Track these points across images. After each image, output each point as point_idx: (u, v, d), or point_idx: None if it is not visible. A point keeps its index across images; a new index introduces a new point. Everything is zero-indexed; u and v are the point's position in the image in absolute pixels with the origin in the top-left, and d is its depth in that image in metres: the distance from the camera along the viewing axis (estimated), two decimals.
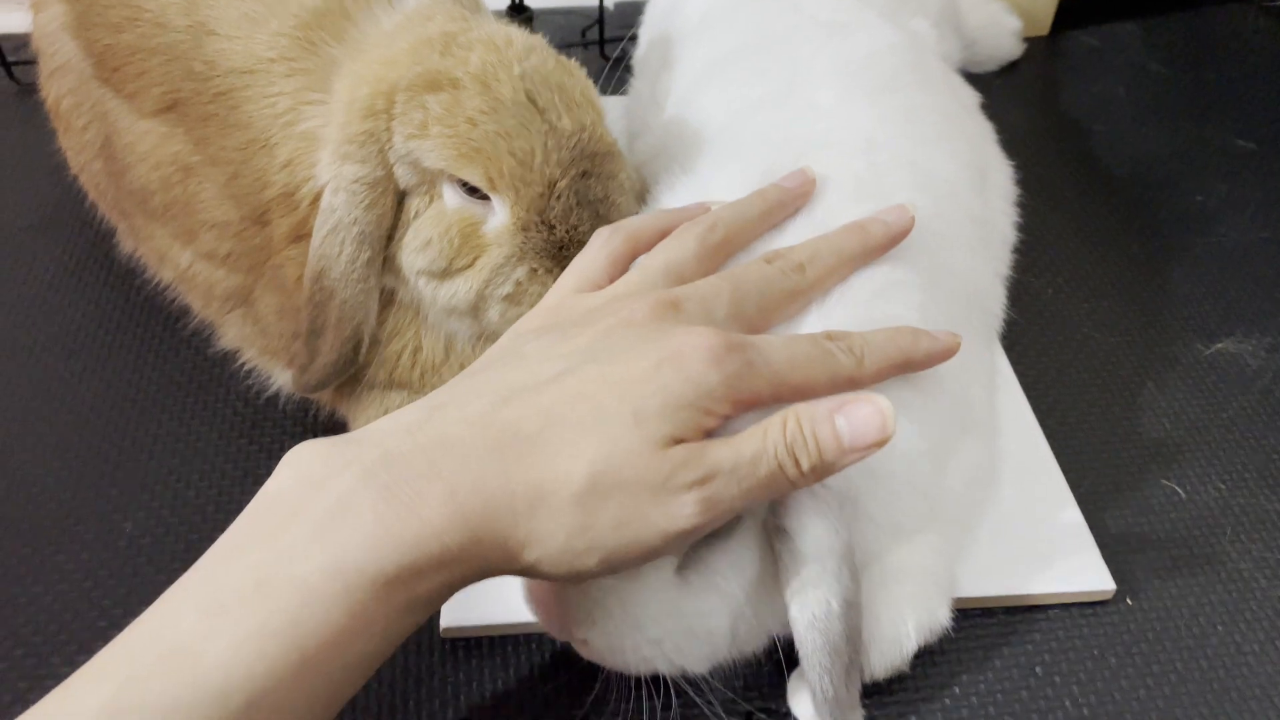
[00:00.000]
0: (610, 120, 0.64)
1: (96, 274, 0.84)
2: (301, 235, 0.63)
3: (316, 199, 0.61)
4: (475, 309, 0.62)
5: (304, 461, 0.45)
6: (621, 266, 0.55)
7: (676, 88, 0.77)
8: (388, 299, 0.64)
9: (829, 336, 0.50)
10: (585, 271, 0.55)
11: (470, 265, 0.60)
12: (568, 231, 0.59)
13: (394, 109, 0.58)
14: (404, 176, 0.60)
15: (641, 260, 0.55)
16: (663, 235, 0.56)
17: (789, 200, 0.58)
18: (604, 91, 1.02)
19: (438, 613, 0.60)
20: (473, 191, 0.59)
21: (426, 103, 0.57)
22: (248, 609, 0.40)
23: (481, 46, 0.59)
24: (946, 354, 0.55)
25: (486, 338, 0.64)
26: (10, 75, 1.04)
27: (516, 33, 0.62)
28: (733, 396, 0.46)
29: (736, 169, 0.63)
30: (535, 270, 0.60)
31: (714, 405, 0.45)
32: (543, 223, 0.59)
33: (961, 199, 0.67)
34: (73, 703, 0.40)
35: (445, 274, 0.61)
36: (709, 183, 0.63)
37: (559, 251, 0.60)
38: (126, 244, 0.79)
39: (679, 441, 0.45)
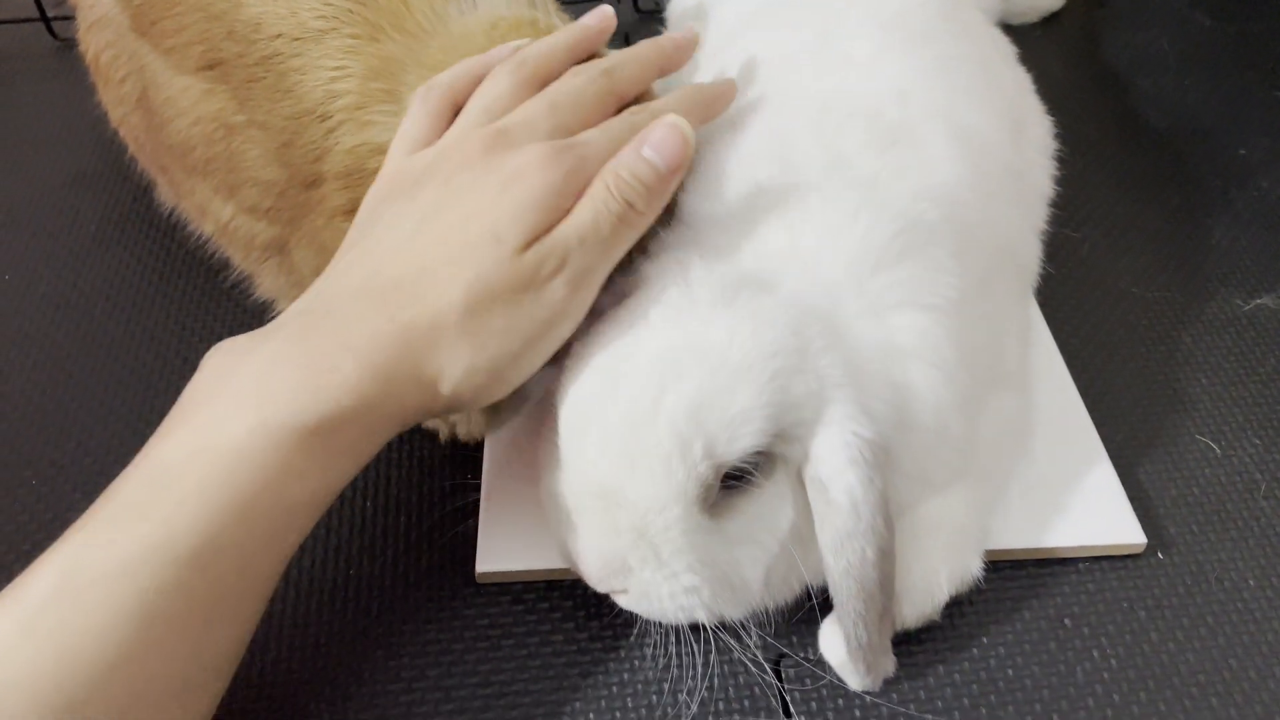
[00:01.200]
0: None
1: (138, 227, 0.85)
2: (355, 211, 0.63)
3: None
4: None
5: (219, 354, 0.51)
6: (445, 120, 0.58)
7: (710, 41, 0.76)
8: None
9: (633, 112, 0.57)
10: (411, 134, 0.57)
11: None
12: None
13: None
14: None
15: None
16: (477, 82, 0.58)
17: (593, 36, 0.61)
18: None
19: (473, 559, 0.61)
20: None
21: None
22: (185, 474, 0.46)
23: None
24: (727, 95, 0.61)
25: None
26: (50, 30, 1.04)
27: None
28: (573, 189, 0.52)
29: (770, 121, 0.62)
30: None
31: (560, 201, 0.51)
32: None
33: (996, 151, 0.66)
34: (31, 575, 0.44)
35: None
36: (738, 133, 0.63)
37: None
38: (167, 198, 0.80)
39: (534, 241, 0.50)
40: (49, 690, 0.41)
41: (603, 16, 0.62)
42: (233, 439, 0.46)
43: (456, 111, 0.58)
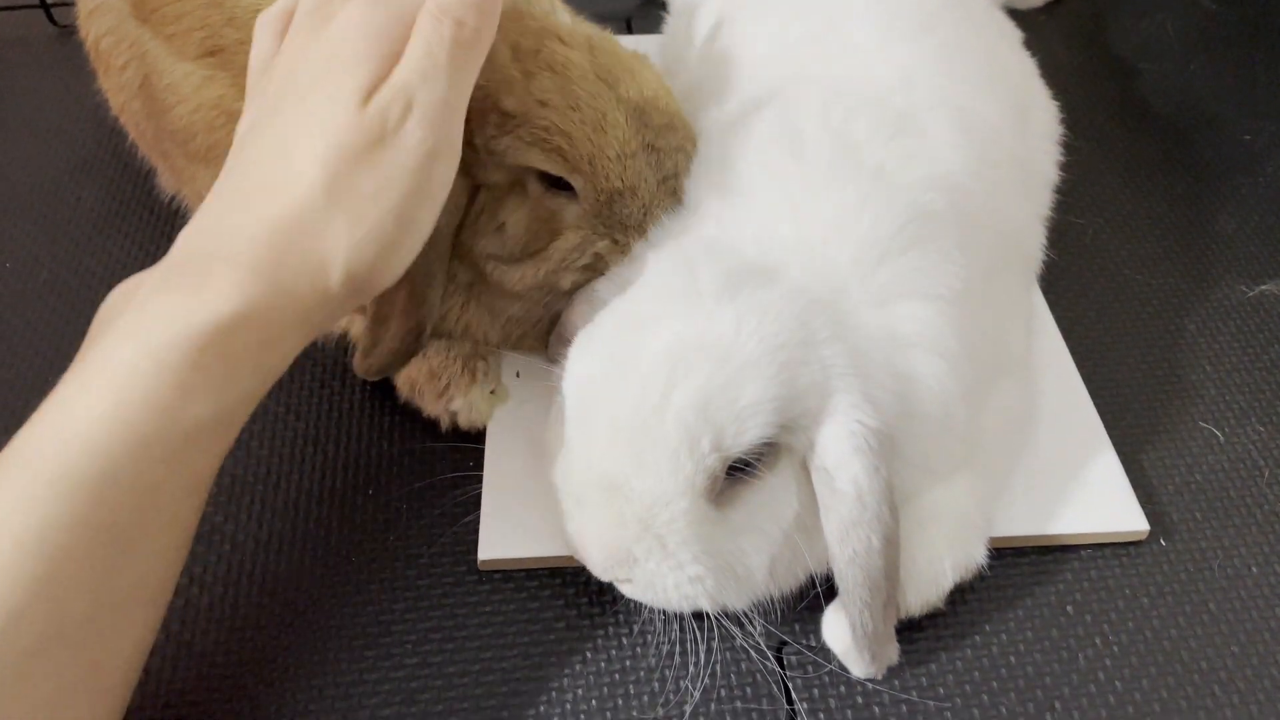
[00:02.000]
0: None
1: (139, 214, 0.85)
2: None
3: None
4: (544, 284, 0.62)
5: (111, 295, 0.52)
6: (285, 22, 0.56)
7: (712, 25, 0.76)
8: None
9: None
10: (258, 57, 0.56)
11: (543, 250, 0.61)
12: (642, 208, 0.59)
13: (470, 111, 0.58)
14: (485, 174, 0.60)
15: None
16: None
17: None
18: (639, 31, 1.01)
19: (475, 547, 0.61)
20: (554, 183, 0.59)
21: (502, 102, 0.57)
22: (75, 407, 0.45)
23: (552, 39, 0.59)
24: None
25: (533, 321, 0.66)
26: (49, 17, 1.04)
27: (586, 25, 0.62)
28: (397, 28, 0.49)
29: (775, 108, 0.62)
30: (616, 241, 0.60)
31: (389, 46, 0.49)
32: (619, 190, 0.59)
33: (1001, 138, 0.66)
34: None
35: (516, 259, 0.61)
36: (744, 120, 0.63)
37: (639, 222, 0.60)
38: (168, 184, 0.80)
39: (374, 93, 0.49)
40: None
41: None
42: (119, 366, 0.45)
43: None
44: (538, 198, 0.60)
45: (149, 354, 0.45)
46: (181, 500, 0.48)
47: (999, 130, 0.66)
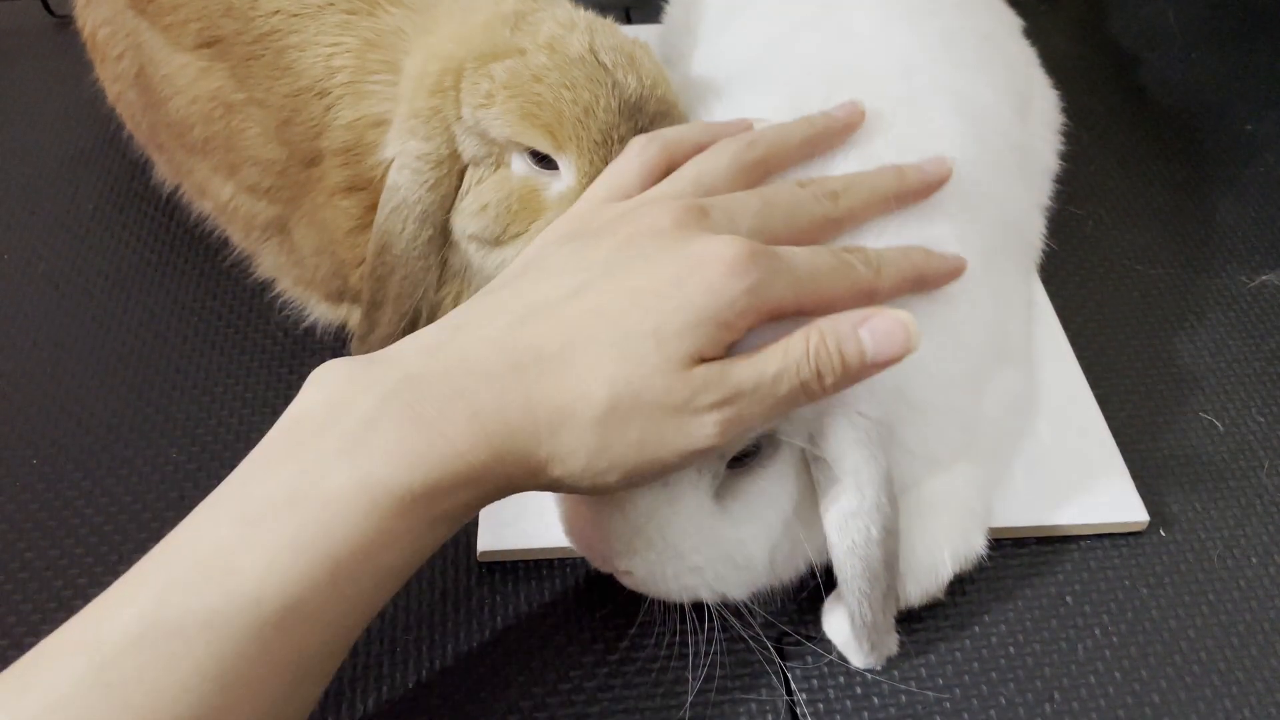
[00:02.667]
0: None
1: (137, 205, 0.85)
2: (354, 188, 0.63)
3: (383, 171, 0.62)
4: None
5: (330, 381, 0.46)
6: (656, 176, 0.54)
7: (711, 13, 0.75)
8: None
9: (847, 250, 0.50)
10: (618, 179, 0.54)
11: (525, 232, 0.60)
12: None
13: (461, 83, 0.58)
14: (471, 149, 0.60)
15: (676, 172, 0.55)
16: (700, 149, 0.55)
17: (836, 129, 0.57)
18: (638, 20, 1.01)
19: (474, 536, 0.61)
20: (541, 160, 0.59)
21: (492, 71, 0.57)
22: (280, 521, 0.42)
23: (551, 21, 0.59)
24: (955, 273, 0.55)
25: None
26: (46, 7, 1.04)
27: (587, 13, 0.61)
28: (756, 306, 0.45)
29: (772, 96, 0.62)
30: None
31: (736, 319, 0.45)
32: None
33: (1002, 126, 0.66)
34: (112, 610, 0.41)
35: (498, 240, 0.61)
36: (743, 110, 0.62)
37: None
38: (164, 177, 0.80)
39: (701, 359, 0.45)
40: None
41: (852, 111, 0.57)
42: (333, 492, 0.42)
43: (669, 172, 0.54)
44: (522, 177, 0.60)
45: (367, 492, 0.42)
46: (352, 639, 0.46)
47: (999, 118, 0.65)
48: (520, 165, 0.60)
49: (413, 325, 0.62)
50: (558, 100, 0.56)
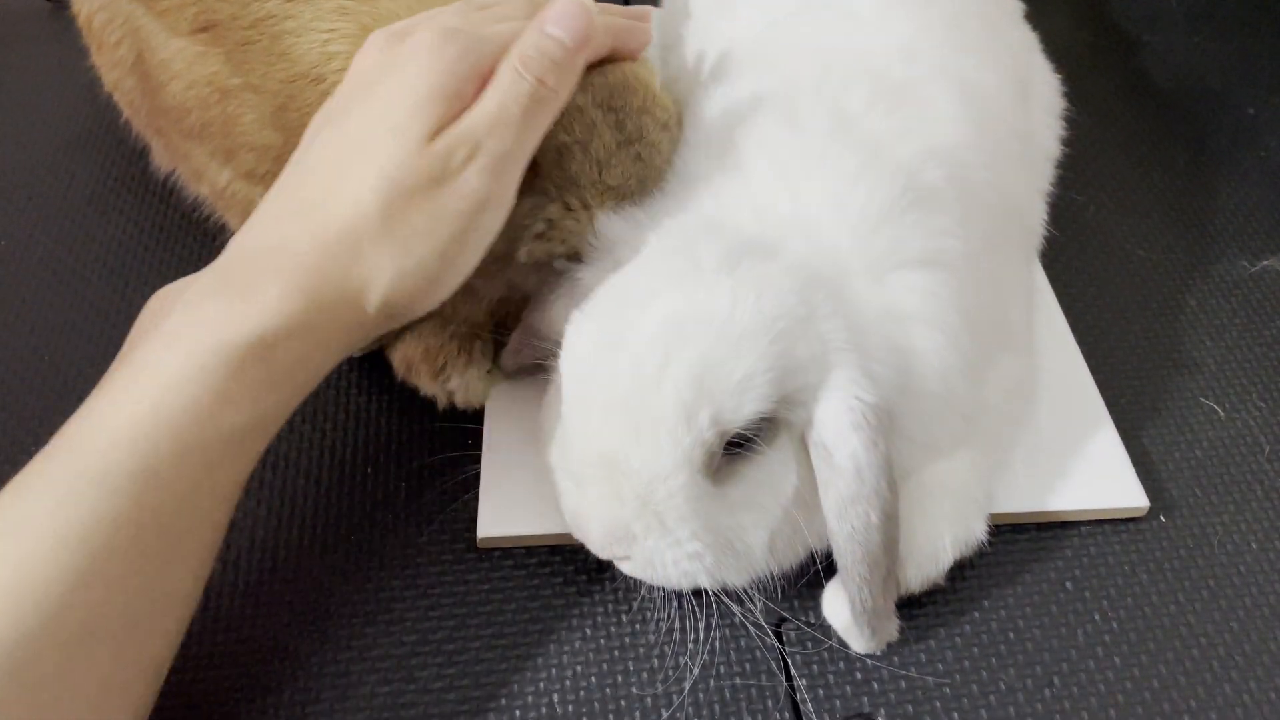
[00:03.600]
0: None
1: (134, 191, 0.84)
2: None
3: None
4: (497, 255, 0.58)
5: (155, 298, 0.53)
6: None
7: None
8: None
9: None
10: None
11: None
12: (595, 165, 0.57)
13: None
14: None
15: None
16: None
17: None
18: (638, 1, 1.00)
19: (474, 525, 0.61)
20: None
21: None
22: (121, 408, 0.46)
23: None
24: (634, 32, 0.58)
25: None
26: None
27: None
28: (471, 68, 0.50)
29: (769, 79, 0.61)
30: (569, 206, 0.58)
31: (459, 85, 0.50)
32: (566, 144, 0.56)
33: (1003, 111, 0.65)
34: (21, 479, 0.46)
35: None
36: (742, 93, 0.62)
37: (595, 185, 0.57)
38: (162, 162, 0.79)
39: (439, 132, 0.49)
40: (2, 625, 0.41)
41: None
42: (162, 370, 0.46)
43: None
44: None
45: (194, 359, 0.46)
46: (216, 504, 0.49)
47: (1000, 103, 0.65)
48: None
49: None
50: None
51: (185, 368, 0.46)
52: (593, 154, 0.57)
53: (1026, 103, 0.71)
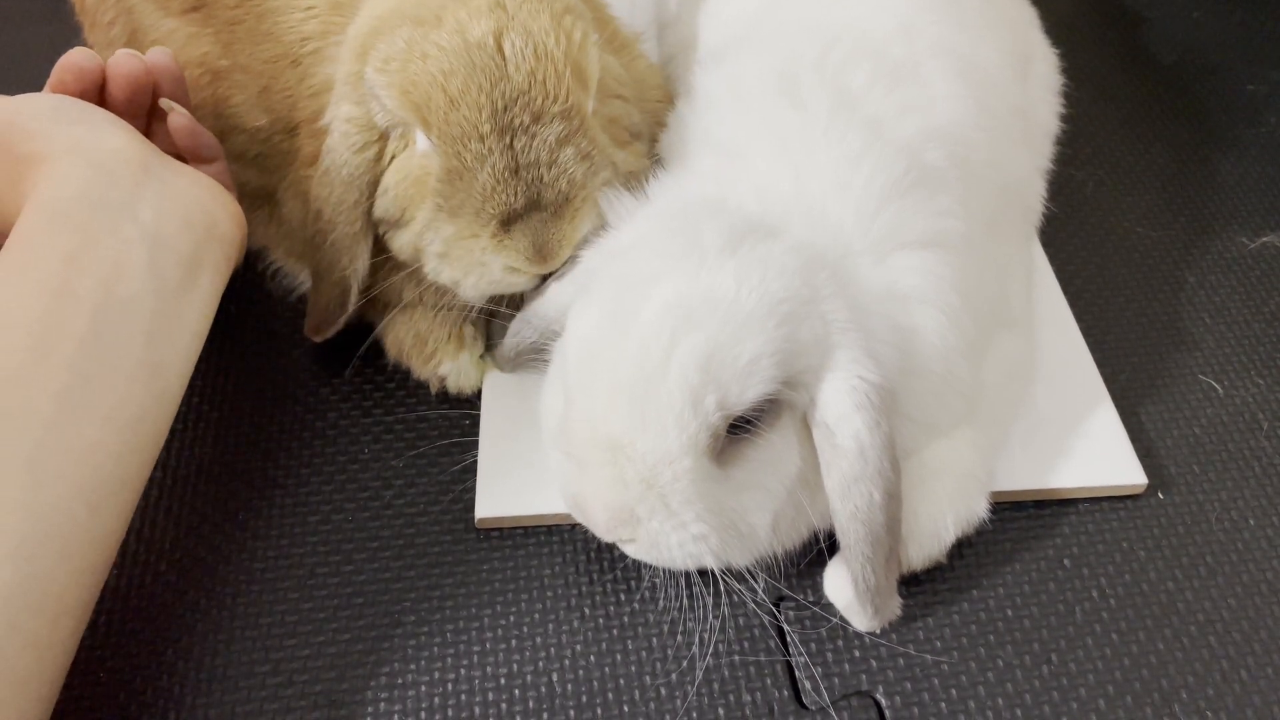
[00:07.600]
0: (640, 11, 0.62)
1: None
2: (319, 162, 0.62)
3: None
4: (417, 259, 0.59)
5: None
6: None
7: None
8: None
9: None
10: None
11: (415, 218, 0.57)
12: (480, 193, 0.54)
13: (377, 43, 0.55)
14: (379, 115, 0.57)
15: None
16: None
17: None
18: None
19: (472, 507, 0.61)
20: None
21: (399, 37, 0.54)
22: None
23: (461, 7, 0.54)
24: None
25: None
26: None
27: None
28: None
29: (769, 58, 0.61)
30: (461, 232, 0.56)
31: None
32: (455, 169, 0.54)
33: (1002, 88, 0.65)
34: None
35: (397, 224, 0.58)
36: (739, 71, 0.62)
37: (493, 217, 0.55)
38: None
39: None
40: None
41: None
42: None
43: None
44: (420, 156, 0.57)
45: None
46: None
47: (999, 80, 0.65)
48: (421, 142, 0.56)
49: (343, 299, 0.60)
50: (431, 83, 0.53)
51: None
52: (480, 183, 0.55)
53: (1026, 79, 0.70)
